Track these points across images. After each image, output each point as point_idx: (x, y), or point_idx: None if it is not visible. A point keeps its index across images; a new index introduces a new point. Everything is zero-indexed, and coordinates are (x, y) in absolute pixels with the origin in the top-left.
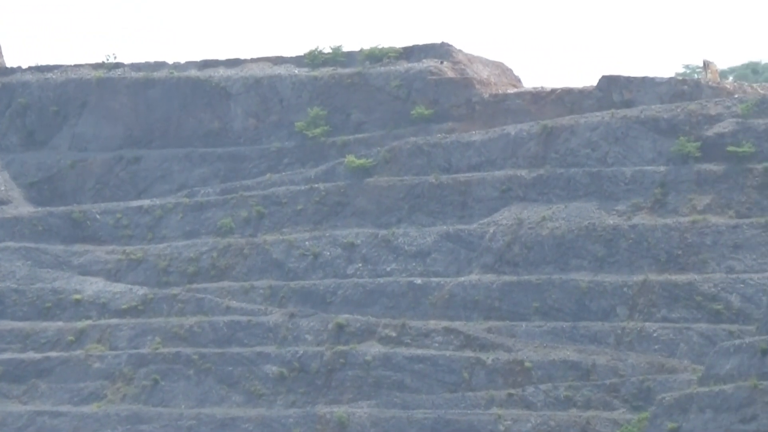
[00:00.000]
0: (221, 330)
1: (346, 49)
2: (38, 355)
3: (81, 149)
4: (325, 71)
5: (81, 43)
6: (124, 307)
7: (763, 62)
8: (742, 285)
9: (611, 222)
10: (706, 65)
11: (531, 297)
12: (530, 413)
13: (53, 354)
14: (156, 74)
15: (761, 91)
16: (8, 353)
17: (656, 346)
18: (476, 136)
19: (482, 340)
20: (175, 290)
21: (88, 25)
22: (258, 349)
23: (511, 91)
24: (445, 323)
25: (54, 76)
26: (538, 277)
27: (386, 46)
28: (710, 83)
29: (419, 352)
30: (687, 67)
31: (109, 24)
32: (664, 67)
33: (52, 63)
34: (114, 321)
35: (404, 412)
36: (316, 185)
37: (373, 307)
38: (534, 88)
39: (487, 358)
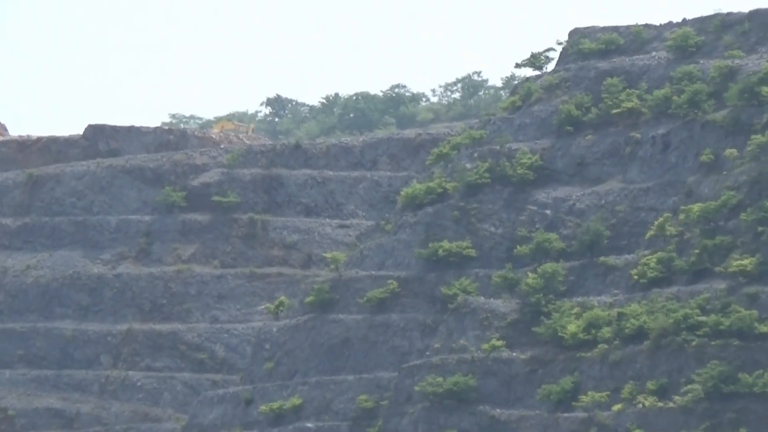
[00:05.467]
0: None
1: None
2: None
3: None
4: None
5: None
6: None
7: (249, 112)
8: (226, 335)
9: (96, 271)
10: (247, 126)
11: (15, 345)
12: None
13: None
14: None
15: (247, 141)
16: None
17: (140, 395)
18: None
19: None
20: None
21: None
22: None
23: None
24: None
25: None
26: (22, 325)
27: None
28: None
29: None
30: (173, 116)
31: None
32: (150, 117)
33: None
34: None
35: None
36: None
37: None
38: (20, 136)
39: None
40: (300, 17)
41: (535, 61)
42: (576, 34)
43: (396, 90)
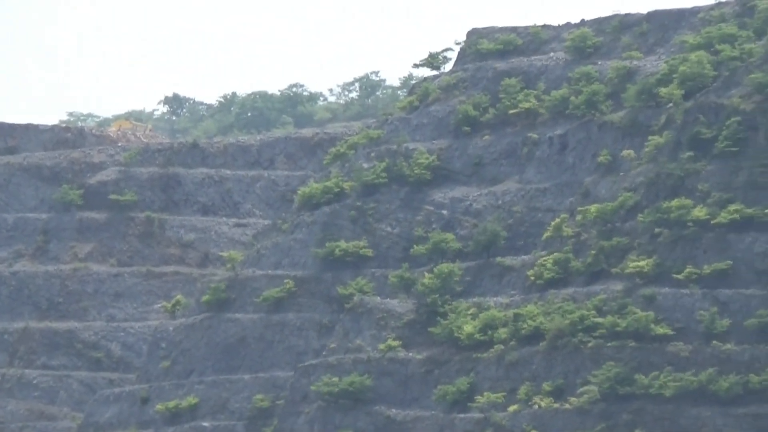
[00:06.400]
0: None
1: None
2: None
3: None
4: None
5: None
6: None
7: (146, 110)
8: (122, 333)
9: None
10: (145, 126)
11: None
12: None
13: None
14: None
15: (144, 140)
16: None
17: (36, 393)
18: None
19: None
20: None
21: None
22: None
23: None
24: None
25: None
26: None
27: None
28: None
29: None
30: (71, 114)
31: None
32: (48, 115)
33: None
34: None
35: None
36: None
37: None
38: None
39: None
40: (198, 16)
41: (433, 61)
42: (474, 35)
43: (293, 89)
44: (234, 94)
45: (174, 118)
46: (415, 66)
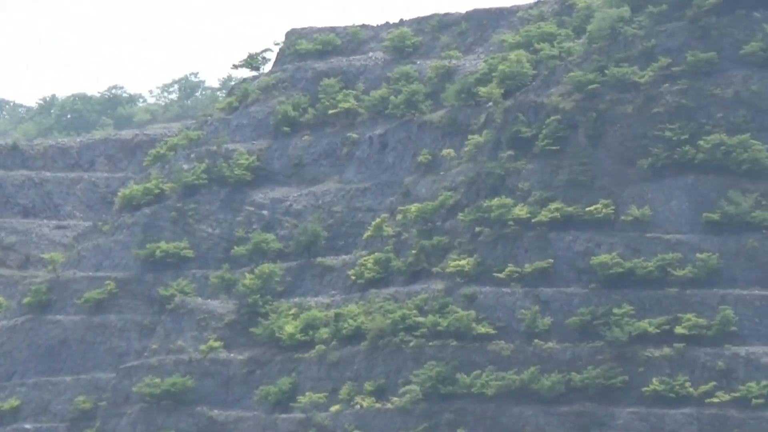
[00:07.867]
0: None
1: None
2: None
3: None
4: None
5: None
6: None
7: None
8: None
9: None
10: None
11: None
12: None
13: None
14: None
15: None
16: None
17: None
18: None
19: None
20: None
21: None
22: None
23: None
24: None
25: None
26: None
27: None
28: None
29: None
30: None
31: None
32: None
33: None
34: None
35: None
36: None
37: None
38: None
39: None
40: (15, 16)
41: (252, 62)
42: (293, 35)
43: (113, 91)
44: (54, 96)
45: None
46: (235, 67)
